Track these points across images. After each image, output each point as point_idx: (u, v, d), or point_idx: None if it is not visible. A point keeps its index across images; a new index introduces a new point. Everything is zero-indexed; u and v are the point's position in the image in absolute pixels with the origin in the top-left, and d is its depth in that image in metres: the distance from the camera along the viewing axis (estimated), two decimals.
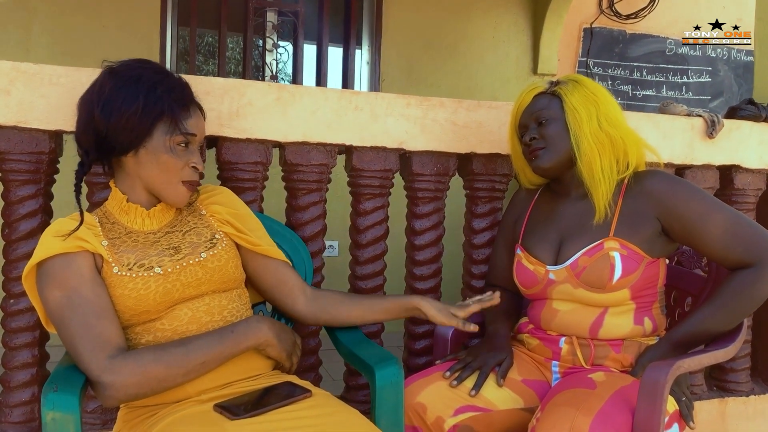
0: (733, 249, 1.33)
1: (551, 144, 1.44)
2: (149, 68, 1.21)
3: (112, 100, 1.16)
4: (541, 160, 1.45)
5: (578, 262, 1.39)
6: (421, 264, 1.80)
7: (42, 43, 3.26)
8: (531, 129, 1.47)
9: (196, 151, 1.25)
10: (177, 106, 1.20)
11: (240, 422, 1.05)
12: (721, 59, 4.51)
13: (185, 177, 1.22)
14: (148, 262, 1.19)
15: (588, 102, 1.42)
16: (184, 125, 1.20)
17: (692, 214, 1.35)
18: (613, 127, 1.42)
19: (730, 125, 1.98)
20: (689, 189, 1.38)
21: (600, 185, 1.40)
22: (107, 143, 1.18)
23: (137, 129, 1.16)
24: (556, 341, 1.44)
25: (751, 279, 1.31)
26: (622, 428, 1.20)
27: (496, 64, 4.08)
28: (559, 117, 1.44)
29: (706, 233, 1.34)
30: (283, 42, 3.83)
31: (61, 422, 1.02)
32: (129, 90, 1.16)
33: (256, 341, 1.21)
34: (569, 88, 1.44)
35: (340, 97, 1.66)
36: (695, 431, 1.97)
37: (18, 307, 1.49)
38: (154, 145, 1.18)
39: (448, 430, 1.32)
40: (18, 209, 1.48)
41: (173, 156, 1.20)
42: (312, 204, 1.68)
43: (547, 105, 1.45)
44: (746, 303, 1.32)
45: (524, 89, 1.52)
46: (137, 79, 1.18)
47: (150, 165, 1.20)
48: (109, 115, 1.16)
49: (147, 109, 1.16)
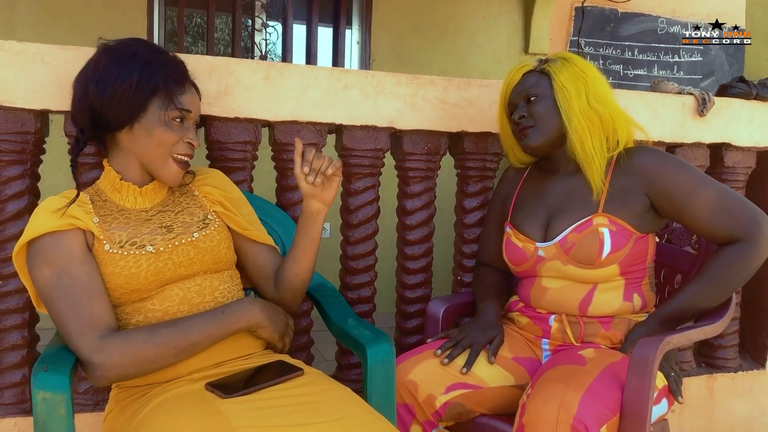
0: (722, 224, 1.33)
1: (540, 122, 1.44)
2: (145, 46, 1.22)
3: (106, 76, 1.16)
4: (530, 139, 1.45)
5: (567, 239, 1.39)
6: (412, 243, 1.80)
7: (28, 22, 3.20)
8: (520, 107, 1.47)
9: (192, 128, 1.25)
10: (172, 81, 1.20)
11: (232, 400, 1.05)
12: (714, 36, 4.50)
13: (180, 151, 1.23)
14: (140, 240, 1.18)
15: (577, 79, 1.42)
16: (180, 100, 1.21)
17: (680, 190, 1.35)
18: (602, 104, 1.42)
19: (721, 103, 1.98)
20: (678, 165, 1.38)
21: (593, 161, 1.40)
22: (102, 119, 1.18)
23: (132, 104, 1.17)
24: (545, 319, 1.45)
25: (738, 254, 1.32)
26: (611, 404, 1.21)
27: (487, 43, 4.06)
28: (547, 95, 1.44)
29: (695, 209, 1.35)
30: (272, 22, 3.79)
31: (52, 402, 1.02)
32: (124, 66, 1.17)
33: (248, 323, 1.21)
34: (558, 65, 1.44)
35: (330, 75, 1.64)
36: (684, 406, 2.00)
37: (7, 288, 1.48)
38: (149, 120, 1.18)
39: (439, 407, 1.34)
40: (5, 190, 1.46)
41: (168, 129, 1.20)
42: None
43: (535, 83, 1.45)
44: (734, 278, 1.33)
45: (513, 67, 1.52)
46: (132, 56, 1.18)
47: (145, 140, 1.20)
48: (104, 90, 1.16)
49: (141, 84, 1.17)
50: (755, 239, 1.31)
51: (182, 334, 1.13)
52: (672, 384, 1.34)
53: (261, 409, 1.04)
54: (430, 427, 1.35)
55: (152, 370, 1.12)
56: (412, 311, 1.81)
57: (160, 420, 1.03)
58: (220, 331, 1.17)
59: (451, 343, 1.42)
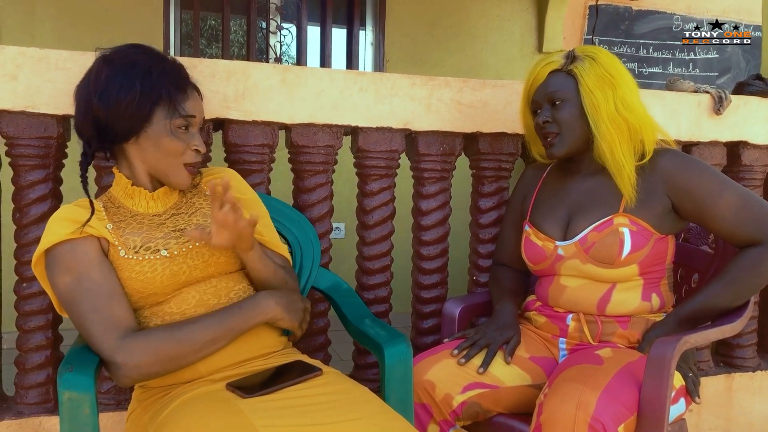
0: (743, 227, 1.33)
1: (565, 129, 1.41)
2: (143, 53, 1.21)
3: (109, 88, 1.16)
4: (556, 149, 1.43)
5: (587, 238, 1.39)
6: (427, 244, 1.81)
7: (46, 28, 3.25)
8: (545, 109, 1.44)
9: (197, 134, 1.25)
10: (174, 88, 1.19)
11: (252, 400, 1.07)
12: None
13: (187, 160, 1.23)
14: (154, 244, 1.20)
15: (604, 84, 1.38)
16: (183, 107, 1.20)
17: (703, 192, 1.35)
18: (630, 111, 1.39)
19: (738, 101, 1.97)
20: (700, 167, 1.38)
21: (623, 168, 1.38)
22: (108, 131, 1.18)
23: (136, 115, 1.16)
24: (563, 318, 1.45)
25: (760, 256, 1.32)
26: (629, 403, 1.22)
27: (500, 43, 4.05)
28: (573, 98, 1.41)
29: (717, 211, 1.35)
30: (287, 24, 3.81)
31: (77, 402, 1.05)
32: (125, 76, 1.16)
33: (265, 317, 1.22)
34: (585, 67, 1.40)
35: (345, 77, 1.65)
36: (701, 406, 1.99)
37: (31, 290, 1.51)
38: (154, 130, 1.18)
39: (456, 406, 1.34)
40: (28, 194, 1.49)
41: (174, 139, 1.20)
42: (319, 185, 1.69)
43: (561, 85, 1.41)
44: (755, 280, 1.33)
45: (538, 63, 1.47)
46: (132, 65, 1.17)
47: (152, 150, 1.20)
48: (108, 103, 1.15)
49: (145, 95, 1.16)
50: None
51: (202, 331, 1.15)
52: (690, 385, 1.33)
53: (281, 408, 1.05)
54: (448, 426, 1.36)
55: (174, 368, 1.14)
56: (428, 311, 1.82)
57: (182, 419, 1.05)
58: (239, 326, 1.19)
59: (468, 343, 1.42)
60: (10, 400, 1.57)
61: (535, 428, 1.23)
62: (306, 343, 1.71)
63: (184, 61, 1.50)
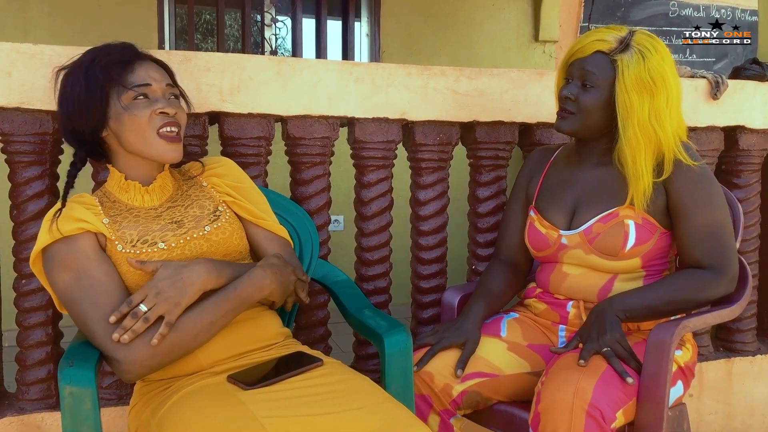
0: (704, 247, 1.34)
1: (582, 113, 1.37)
2: (91, 50, 1.24)
3: (64, 93, 1.21)
4: (564, 124, 1.40)
5: (592, 228, 1.39)
6: (426, 234, 1.81)
7: (40, 24, 3.24)
8: (572, 85, 1.39)
9: (161, 98, 1.22)
10: (116, 67, 1.20)
11: (254, 392, 1.08)
12: (726, 20, 4.45)
13: (157, 125, 1.20)
14: (151, 237, 1.20)
15: (643, 89, 1.32)
16: (129, 80, 1.20)
17: (691, 199, 1.34)
18: (660, 126, 1.33)
19: (735, 85, 1.97)
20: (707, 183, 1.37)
21: (642, 178, 1.34)
22: (81, 133, 1.21)
23: (92, 105, 1.18)
24: (563, 305, 1.46)
25: (703, 276, 1.33)
26: (627, 388, 1.22)
27: (496, 32, 4.04)
28: (605, 88, 1.35)
29: (693, 219, 1.34)
30: (282, 16, 3.79)
31: (78, 396, 1.05)
32: (72, 77, 1.20)
33: (261, 293, 1.21)
34: (632, 62, 1.32)
35: (341, 68, 1.65)
36: (702, 390, 1.99)
37: (30, 287, 1.51)
38: (114, 113, 1.19)
39: (456, 396, 1.35)
40: (25, 190, 1.49)
41: (134, 110, 1.19)
42: (316, 177, 1.69)
43: (599, 71, 1.34)
44: (689, 292, 1.32)
45: (590, 34, 1.38)
46: (78, 65, 1.21)
47: (123, 132, 1.20)
48: (66, 107, 1.20)
49: (90, 84, 1.18)
50: (722, 274, 1.33)
51: (199, 316, 1.14)
52: (616, 365, 1.25)
53: (283, 399, 1.06)
54: (448, 416, 1.37)
55: (175, 357, 1.14)
56: (428, 301, 1.83)
57: (184, 412, 1.05)
58: (236, 306, 1.18)
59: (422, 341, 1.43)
60: (12, 396, 1.58)
61: (533, 417, 1.23)
62: (306, 334, 1.71)
63: (179, 54, 1.51)
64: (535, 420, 1.22)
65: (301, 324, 1.71)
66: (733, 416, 2.08)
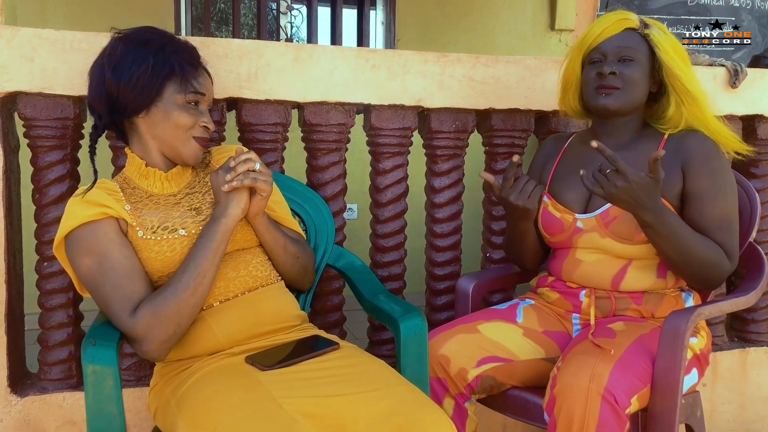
0: (716, 233, 1.34)
1: (628, 87, 1.39)
2: (157, 32, 1.25)
3: (122, 62, 1.19)
4: (612, 100, 1.39)
5: (609, 212, 1.39)
6: (441, 222, 1.82)
7: (59, 12, 3.26)
8: (610, 62, 1.40)
9: (206, 112, 1.27)
10: (186, 64, 1.23)
11: (271, 372, 1.09)
12: (745, 8, 4.38)
13: (196, 134, 1.25)
14: (171, 224, 1.22)
15: (681, 57, 1.41)
16: (194, 83, 1.23)
17: (707, 186, 1.35)
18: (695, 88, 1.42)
19: (754, 74, 1.95)
20: (720, 166, 1.37)
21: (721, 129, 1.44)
22: (119, 104, 1.20)
23: (148, 88, 1.19)
24: (576, 294, 1.46)
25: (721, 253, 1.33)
26: (642, 375, 1.23)
27: (512, 20, 4.01)
28: (643, 61, 1.40)
29: (707, 207, 1.35)
30: (297, 4, 3.79)
31: (101, 375, 1.07)
32: (138, 51, 1.19)
33: (234, 220, 1.19)
34: (662, 37, 1.41)
35: (357, 55, 1.65)
36: (716, 380, 1.99)
37: (51, 269, 1.54)
38: (165, 104, 1.21)
39: (471, 380, 1.36)
40: (47, 174, 1.52)
41: (184, 113, 1.22)
42: (332, 164, 1.70)
43: (636, 44, 1.40)
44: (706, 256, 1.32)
45: (610, 16, 1.44)
46: (146, 42, 1.21)
47: (162, 124, 1.22)
48: (120, 75, 1.19)
49: (157, 68, 1.19)
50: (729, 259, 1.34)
51: (188, 270, 1.15)
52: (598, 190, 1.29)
53: (300, 380, 1.08)
54: (463, 399, 1.38)
55: (187, 322, 1.15)
56: (442, 288, 1.84)
57: (203, 391, 1.07)
58: (217, 246, 1.17)
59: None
60: (34, 376, 1.61)
61: (548, 401, 1.24)
62: (321, 319, 1.73)
63: (197, 40, 1.52)
64: (550, 403, 1.23)
65: (316, 308, 1.73)
66: (747, 406, 2.07)
